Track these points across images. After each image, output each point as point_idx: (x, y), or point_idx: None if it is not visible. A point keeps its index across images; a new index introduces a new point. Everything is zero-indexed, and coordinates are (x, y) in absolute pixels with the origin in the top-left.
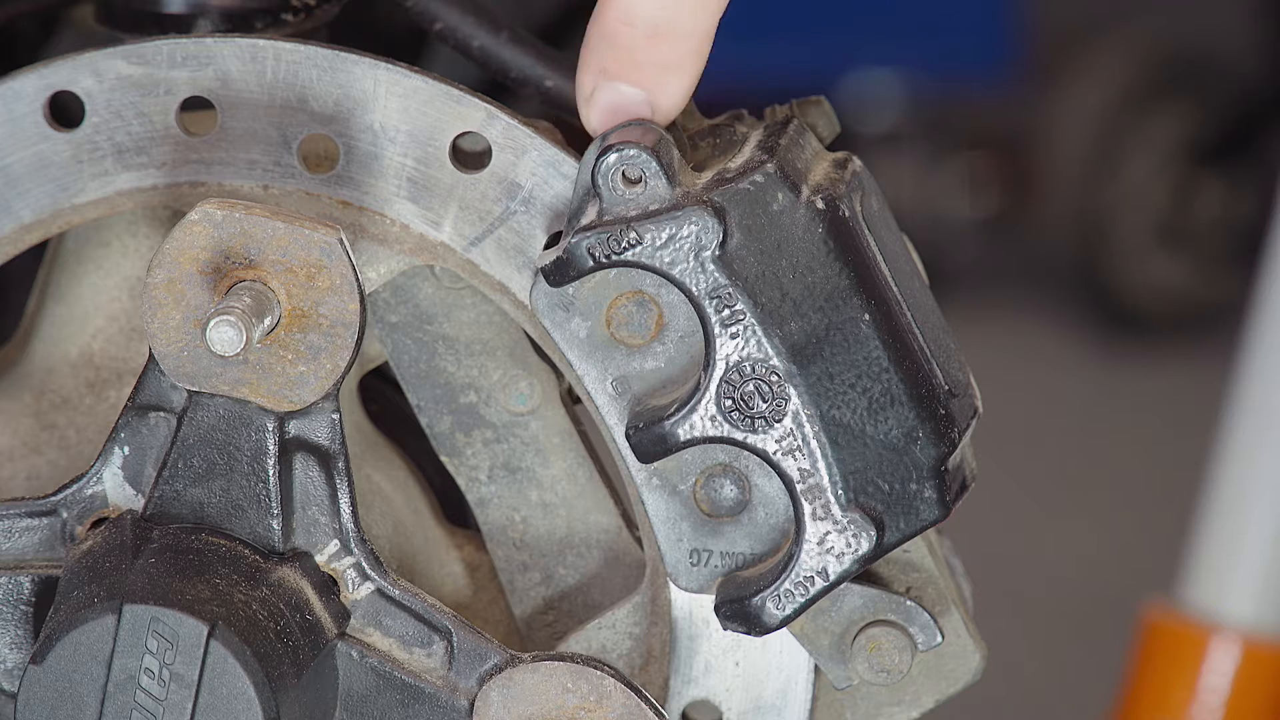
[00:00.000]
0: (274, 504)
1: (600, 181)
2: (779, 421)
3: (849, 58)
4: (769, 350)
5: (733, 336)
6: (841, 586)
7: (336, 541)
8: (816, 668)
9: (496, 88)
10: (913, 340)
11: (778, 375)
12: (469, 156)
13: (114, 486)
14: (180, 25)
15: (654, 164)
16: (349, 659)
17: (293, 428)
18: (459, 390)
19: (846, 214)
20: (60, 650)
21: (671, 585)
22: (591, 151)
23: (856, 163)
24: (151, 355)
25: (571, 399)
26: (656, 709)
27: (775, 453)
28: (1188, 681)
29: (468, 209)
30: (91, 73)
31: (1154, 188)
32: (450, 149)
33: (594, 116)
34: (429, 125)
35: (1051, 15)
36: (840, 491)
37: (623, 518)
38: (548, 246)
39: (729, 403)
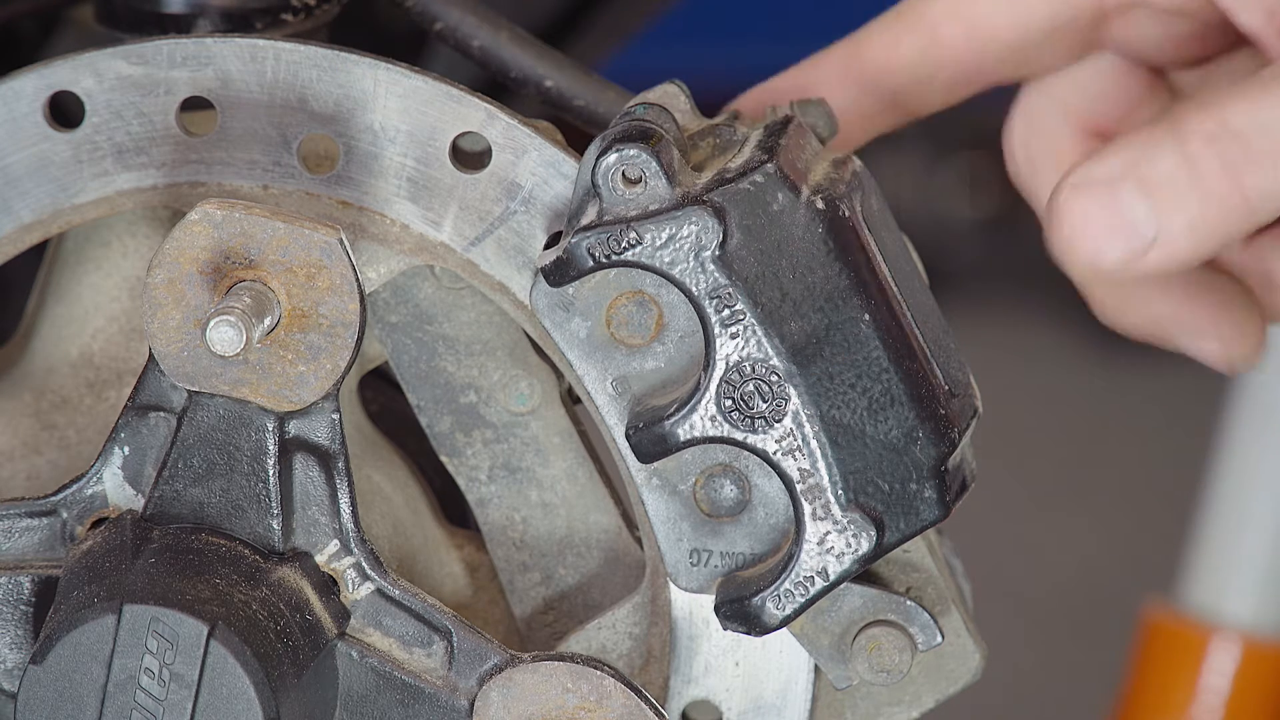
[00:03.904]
0: (274, 504)
1: (600, 181)
2: (779, 421)
3: None
4: (769, 350)
5: (733, 336)
6: (841, 586)
7: (336, 541)
8: (816, 668)
9: (496, 88)
10: (913, 340)
11: (778, 375)
12: (469, 156)
13: (114, 486)
14: (180, 25)
15: (654, 164)
16: (349, 659)
17: (293, 428)
18: (459, 390)
19: (846, 214)
20: (60, 650)
21: (671, 585)
22: (591, 151)
23: (856, 163)
24: (151, 355)
25: (571, 399)
26: (656, 709)
27: (775, 453)
28: (1188, 681)
29: (468, 209)
30: (91, 73)
31: None
32: (450, 149)
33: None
34: (429, 125)
35: None
36: (840, 491)
37: (623, 518)
38: (548, 246)
39: (729, 403)
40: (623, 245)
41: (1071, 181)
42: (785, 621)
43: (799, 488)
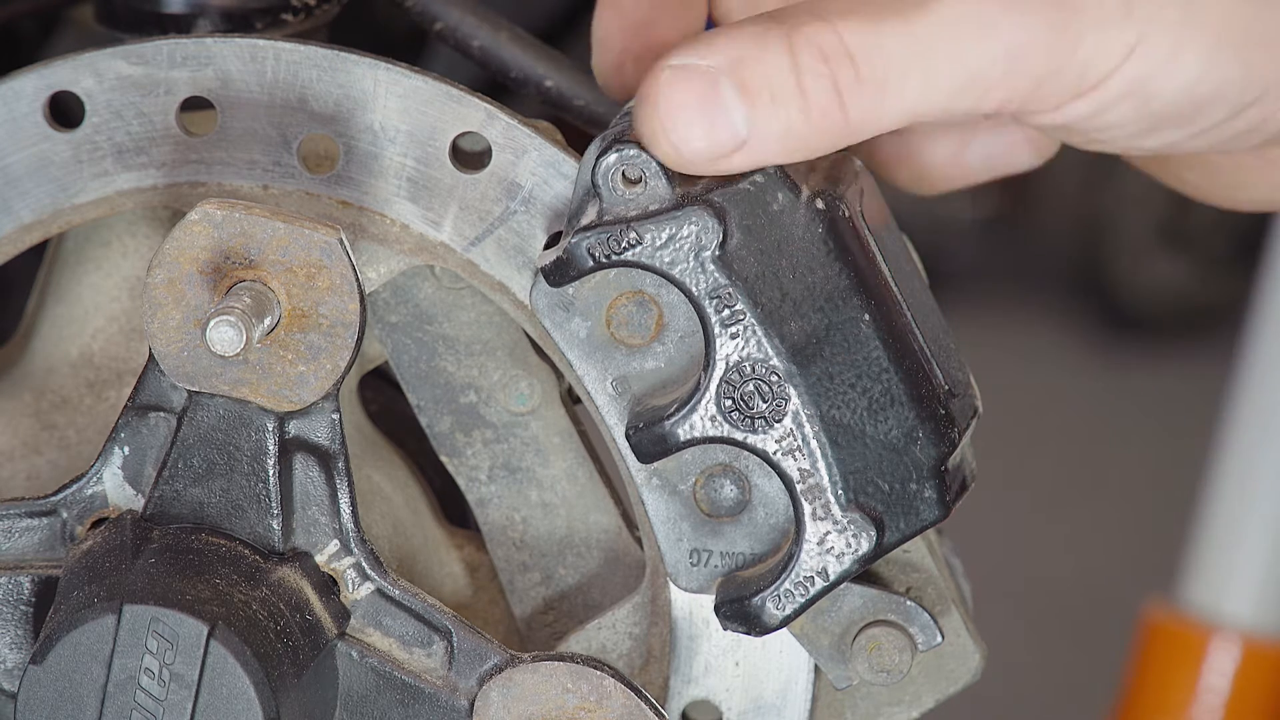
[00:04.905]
0: (274, 504)
1: (600, 181)
2: (779, 421)
3: None
4: (769, 350)
5: (733, 336)
6: (841, 586)
7: (336, 541)
8: (816, 668)
9: (496, 88)
10: (913, 340)
11: (778, 375)
12: (469, 156)
13: (114, 486)
14: (180, 25)
15: (654, 164)
16: (349, 659)
17: (293, 428)
18: (459, 390)
19: (846, 214)
20: (60, 650)
21: (671, 585)
22: (591, 151)
23: (856, 163)
24: (151, 355)
25: (571, 399)
26: (656, 709)
27: (775, 453)
28: (1188, 681)
29: (468, 209)
30: (91, 73)
31: (1154, 188)
32: (450, 149)
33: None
34: (429, 125)
35: None
36: (840, 491)
37: (623, 518)
38: (548, 246)
39: (729, 403)
40: (623, 245)
41: (672, 63)
42: (785, 622)
43: (799, 488)
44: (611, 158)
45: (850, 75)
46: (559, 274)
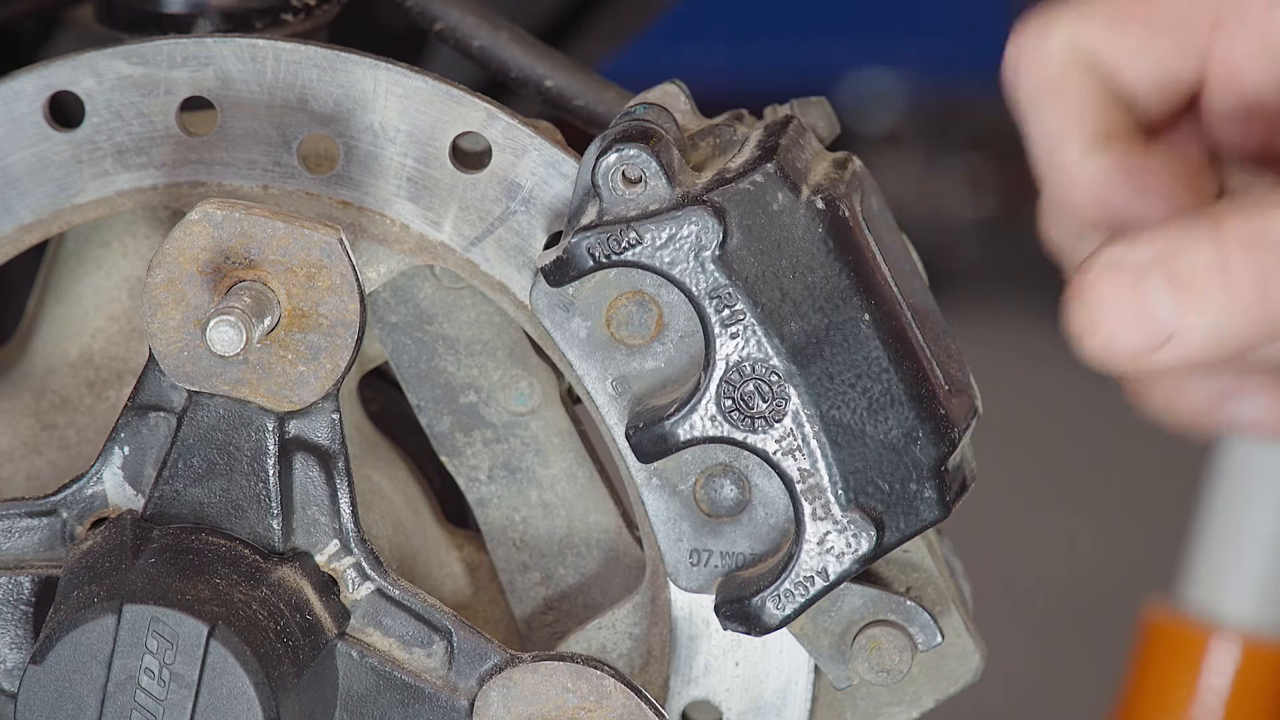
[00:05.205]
0: (274, 504)
1: (600, 181)
2: (779, 421)
3: (849, 58)
4: (769, 350)
5: (733, 336)
6: (841, 586)
7: (336, 541)
8: (816, 668)
9: (496, 88)
10: (913, 340)
11: (778, 375)
12: (469, 156)
13: (114, 486)
14: (180, 25)
15: (654, 164)
16: (349, 659)
17: (293, 428)
18: (459, 390)
19: (846, 214)
20: (60, 650)
21: (671, 585)
22: (591, 151)
23: (856, 163)
24: (151, 355)
25: (571, 399)
26: (656, 709)
27: (775, 453)
28: (1188, 681)
29: (468, 209)
30: (91, 73)
31: None
32: (450, 149)
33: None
34: (429, 125)
35: None
36: (840, 491)
37: (623, 518)
38: (548, 246)
39: (729, 403)
40: (623, 245)
41: (1103, 261)
42: (785, 621)
43: (799, 488)
44: (611, 157)
45: (1275, 265)
46: (559, 274)
